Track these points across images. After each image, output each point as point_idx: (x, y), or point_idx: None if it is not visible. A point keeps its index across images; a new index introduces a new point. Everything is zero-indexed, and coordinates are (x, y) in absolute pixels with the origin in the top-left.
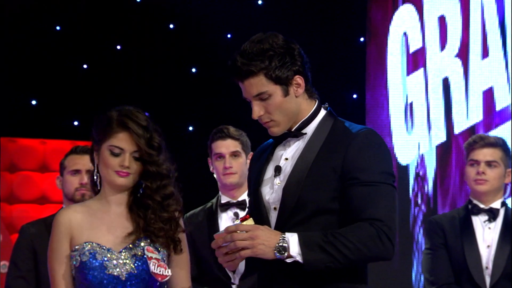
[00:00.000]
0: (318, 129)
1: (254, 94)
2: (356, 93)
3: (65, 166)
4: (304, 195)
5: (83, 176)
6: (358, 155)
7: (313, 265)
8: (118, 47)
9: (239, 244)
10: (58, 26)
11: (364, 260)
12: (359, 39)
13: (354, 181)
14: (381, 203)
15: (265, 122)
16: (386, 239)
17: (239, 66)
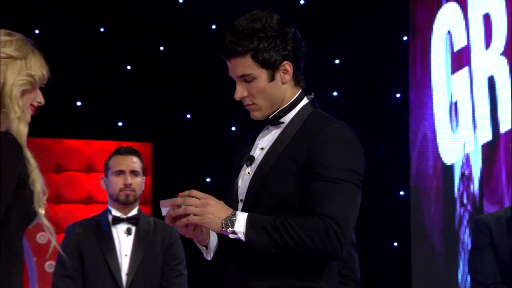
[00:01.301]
0: (294, 119)
1: (238, 75)
2: (399, 92)
3: (109, 167)
4: (266, 187)
5: (127, 177)
6: (321, 149)
7: (255, 246)
8: (161, 48)
9: (189, 209)
10: (102, 28)
11: (307, 254)
12: (403, 38)
13: (314, 175)
14: (336, 200)
15: (247, 104)
16: (335, 237)
17: (226, 43)
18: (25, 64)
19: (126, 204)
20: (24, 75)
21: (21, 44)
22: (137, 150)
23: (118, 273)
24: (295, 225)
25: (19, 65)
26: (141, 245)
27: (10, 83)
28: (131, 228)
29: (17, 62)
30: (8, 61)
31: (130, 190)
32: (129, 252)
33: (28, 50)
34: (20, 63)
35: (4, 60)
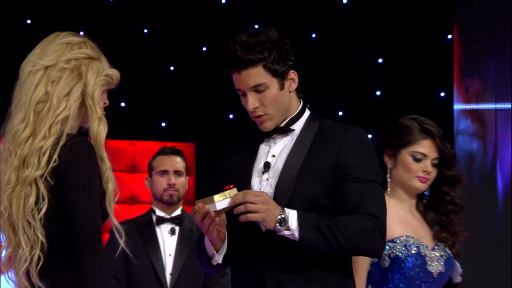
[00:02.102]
0: (306, 127)
1: (251, 85)
2: (444, 91)
3: (153, 167)
4: (296, 191)
5: (171, 177)
6: (351, 152)
7: (307, 244)
8: (204, 49)
9: (250, 207)
10: (146, 29)
11: (356, 251)
12: (447, 36)
13: (348, 177)
14: (376, 200)
15: (259, 115)
16: (380, 235)
17: (238, 55)
18: (101, 64)
19: (170, 204)
20: (103, 75)
21: (93, 45)
22: (180, 150)
23: (163, 273)
24: (345, 223)
25: (97, 66)
26: (185, 245)
27: (91, 83)
28: (175, 228)
29: (95, 62)
30: (87, 62)
31: (173, 190)
32: (173, 252)
33: (98, 50)
34: (97, 63)
35: (84, 61)
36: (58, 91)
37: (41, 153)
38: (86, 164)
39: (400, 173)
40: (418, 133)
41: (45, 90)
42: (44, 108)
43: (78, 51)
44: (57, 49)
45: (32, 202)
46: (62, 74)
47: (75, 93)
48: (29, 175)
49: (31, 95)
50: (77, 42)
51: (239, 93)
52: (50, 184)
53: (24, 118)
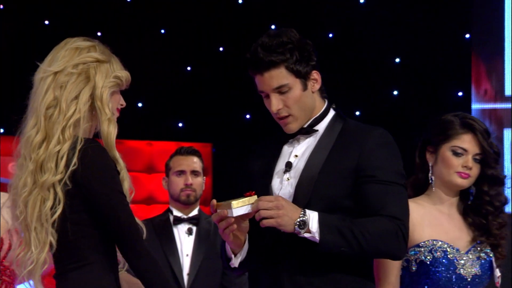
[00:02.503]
0: (329, 127)
1: (274, 87)
2: (461, 90)
3: (170, 167)
4: (317, 191)
5: (188, 177)
6: (373, 153)
7: (328, 246)
8: (221, 49)
9: (264, 213)
10: (163, 30)
11: (376, 254)
12: (465, 36)
13: (370, 178)
14: (398, 202)
15: (283, 117)
16: (402, 238)
17: (260, 57)
18: (110, 67)
19: (187, 204)
20: (112, 77)
21: (103, 48)
22: (197, 151)
23: (180, 273)
24: (367, 225)
25: (106, 68)
26: (202, 245)
27: (100, 85)
28: (192, 228)
29: (104, 65)
30: (96, 65)
31: (191, 190)
32: (190, 252)
33: (109, 53)
34: (106, 66)
35: (92, 64)
36: (66, 95)
37: (59, 157)
38: (106, 168)
39: (440, 170)
40: (459, 128)
41: (54, 96)
42: (54, 112)
43: (86, 55)
44: (65, 55)
45: (49, 206)
46: (69, 78)
47: (83, 96)
48: (47, 179)
49: (41, 101)
50: (85, 47)
51: (262, 95)
52: (68, 188)
53: (35, 124)
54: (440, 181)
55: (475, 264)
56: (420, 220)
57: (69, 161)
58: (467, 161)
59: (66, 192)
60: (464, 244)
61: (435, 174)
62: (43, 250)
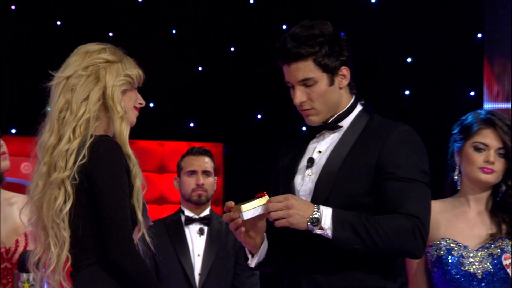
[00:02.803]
0: (354, 123)
1: (299, 79)
2: (473, 90)
3: (181, 167)
4: (336, 188)
5: (199, 177)
6: (394, 150)
7: (341, 243)
8: (232, 49)
9: (274, 215)
10: (174, 30)
11: (392, 252)
12: (477, 35)
13: (390, 175)
14: (417, 200)
15: (305, 109)
16: (420, 236)
17: (288, 48)
18: (121, 67)
19: (199, 204)
20: (122, 75)
21: (114, 50)
22: (209, 151)
23: (191, 273)
24: (382, 223)
25: (116, 68)
26: (214, 245)
27: (110, 85)
28: (203, 228)
29: (114, 65)
30: (105, 65)
31: (202, 190)
32: (201, 252)
33: (121, 54)
34: (117, 66)
35: (102, 65)
36: (76, 97)
37: (68, 155)
38: (113, 162)
39: (465, 167)
40: (479, 123)
41: (65, 99)
42: (66, 115)
43: (96, 57)
44: (77, 59)
45: (60, 202)
46: (79, 81)
47: (93, 96)
48: (57, 177)
49: (54, 106)
50: (95, 50)
51: (288, 85)
52: (77, 183)
53: (50, 128)
54: (466, 179)
55: (486, 261)
56: (440, 219)
57: (78, 156)
58: (488, 156)
59: (75, 187)
60: (477, 242)
61: (462, 173)
62: (62, 249)
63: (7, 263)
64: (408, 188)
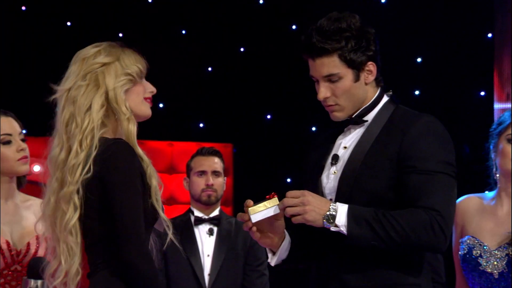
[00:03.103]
0: (378, 116)
1: (324, 75)
2: (484, 90)
3: (191, 168)
4: (358, 184)
5: (209, 177)
6: (416, 142)
7: (357, 240)
8: (242, 49)
9: (290, 211)
10: (184, 30)
11: (411, 247)
12: (487, 35)
13: (411, 169)
14: (437, 192)
15: (329, 105)
16: (439, 229)
17: (313, 42)
18: (120, 65)
19: (208, 204)
20: (122, 75)
21: (109, 49)
22: (218, 151)
23: (201, 273)
24: (398, 218)
25: (114, 68)
26: (223, 245)
27: (111, 88)
28: (213, 229)
29: (111, 66)
30: (103, 69)
31: (212, 191)
32: (211, 253)
33: (118, 51)
34: (114, 66)
35: (99, 70)
36: (78, 109)
37: (75, 169)
38: (124, 164)
39: (499, 161)
40: (510, 117)
41: (69, 112)
42: (72, 128)
43: (92, 62)
44: (75, 70)
45: (69, 216)
46: (79, 92)
47: (95, 104)
48: (66, 192)
49: (60, 119)
50: (91, 55)
51: (313, 79)
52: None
53: (59, 142)
54: (501, 173)
55: (501, 261)
56: (474, 214)
57: (83, 169)
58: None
59: (83, 198)
60: (497, 241)
61: (498, 168)
62: (73, 262)
63: (17, 265)
64: (429, 180)
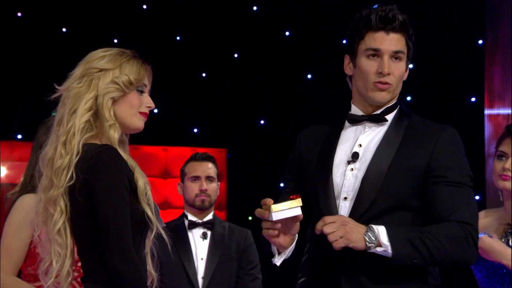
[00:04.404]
0: (396, 120)
1: (394, 50)
2: (474, 96)
3: (185, 173)
4: (384, 188)
5: (202, 183)
6: (445, 153)
7: (402, 259)
8: (236, 55)
9: (332, 237)
10: (178, 37)
11: (447, 262)
12: (477, 42)
13: (441, 179)
14: (468, 206)
15: (385, 82)
16: (473, 243)
17: (395, 14)
18: (118, 73)
19: (202, 209)
20: (109, 83)
21: (115, 56)
22: (212, 156)
23: (195, 277)
24: (437, 235)
25: (110, 76)
26: (217, 249)
27: (101, 93)
28: (206, 233)
29: (108, 73)
30: (100, 74)
31: (205, 196)
32: (205, 256)
33: (122, 60)
34: (112, 73)
35: (96, 74)
36: (67, 111)
37: (60, 171)
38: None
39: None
40: (503, 133)
41: (61, 113)
42: (60, 129)
43: (92, 66)
44: (77, 71)
45: (56, 219)
46: (70, 94)
47: (81, 107)
48: (52, 194)
49: (54, 119)
50: (96, 58)
51: (368, 53)
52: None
53: (51, 141)
54: None
55: None
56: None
57: (67, 175)
58: (505, 163)
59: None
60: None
61: None
62: (63, 264)
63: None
64: (459, 193)
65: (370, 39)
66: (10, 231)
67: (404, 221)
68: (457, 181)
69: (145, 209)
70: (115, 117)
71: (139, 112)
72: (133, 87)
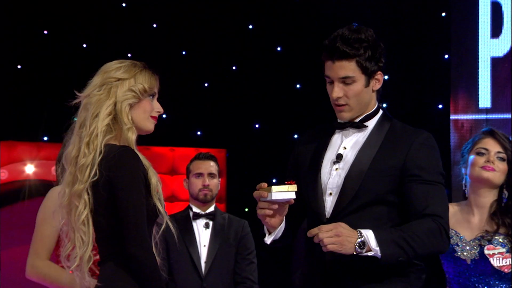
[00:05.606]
0: (378, 125)
1: (340, 76)
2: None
3: (190, 170)
4: (365, 184)
5: (205, 179)
6: (420, 154)
7: (389, 258)
8: (234, 68)
9: (327, 242)
10: (184, 51)
11: (426, 254)
12: (444, 56)
13: (416, 178)
14: (440, 201)
15: (340, 104)
16: (445, 234)
17: (337, 46)
18: (134, 82)
19: (205, 202)
20: (129, 91)
21: (129, 67)
22: (214, 156)
23: (198, 261)
24: (417, 231)
25: (127, 84)
26: (218, 237)
27: (119, 100)
28: (209, 223)
29: (125, 82)
30: (117, 83)
31: (208, 190)
32: (207, 243)
33: (136, 70)
34: (128, 82)
35: (114, 83)
36: (89, 115)
37: (84, 168)
38: (130, 168)
39: (470, 172)
40: (481, 134)
41: (83, 117)
42: (83, 131)
43: (110, 76)
44: (95, 80)
45: (80, 210)
46: (92, 99)
47: (102, 112)
48: (77, 189)
49: (77, 122)
50: (112, 69)
51: (327, 80)
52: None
53: (73, 141)
54: (471, 184)
55: (474, 250)
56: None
57: (91, 171)
58: (489, 157)
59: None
60: (473, 234)
61: (468, 180)
62: (86, 249)
63: None
64: (432, 190)
65: (325, 67)
66: (43, 218)
67: (381, 214)
68: (432, 180)
69: (156, 203)
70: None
71: (150, 116)
72: (146, 94)
